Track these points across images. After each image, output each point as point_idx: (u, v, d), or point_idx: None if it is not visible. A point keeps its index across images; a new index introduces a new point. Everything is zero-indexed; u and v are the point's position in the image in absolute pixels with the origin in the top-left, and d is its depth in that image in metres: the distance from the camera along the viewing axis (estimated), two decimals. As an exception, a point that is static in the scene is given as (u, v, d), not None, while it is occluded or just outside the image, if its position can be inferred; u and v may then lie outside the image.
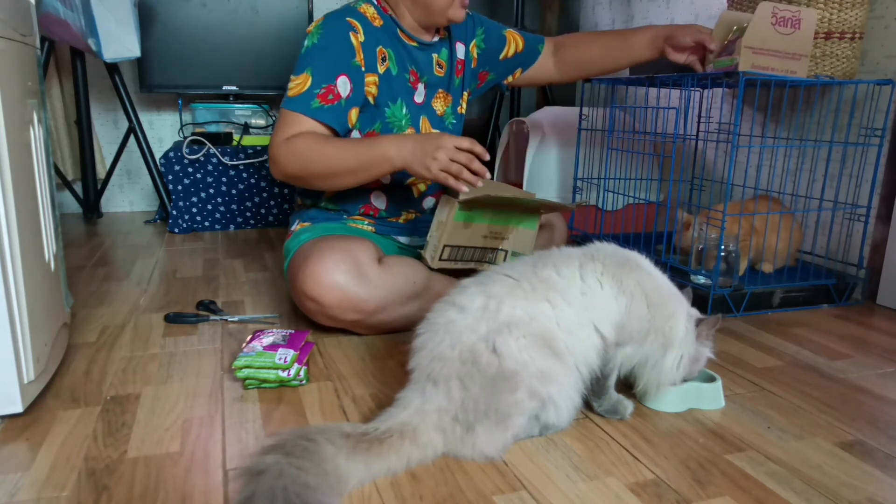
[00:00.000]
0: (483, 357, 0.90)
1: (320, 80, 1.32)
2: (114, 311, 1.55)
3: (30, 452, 0.93)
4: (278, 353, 1.12)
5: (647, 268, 1.04)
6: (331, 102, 1.32)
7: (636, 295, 0.99)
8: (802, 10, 1.54)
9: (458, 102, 1.58)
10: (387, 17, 1.42)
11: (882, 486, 0.89)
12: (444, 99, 1.53)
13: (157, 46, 2.55)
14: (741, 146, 1.90)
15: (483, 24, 1.60)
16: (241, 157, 2.48)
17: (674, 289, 1.05)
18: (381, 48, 1.40)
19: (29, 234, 1.03)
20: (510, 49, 1.62)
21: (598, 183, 2.18)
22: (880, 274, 1.73)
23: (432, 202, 1.56)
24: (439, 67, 1.51)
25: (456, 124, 1.58)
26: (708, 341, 1.05)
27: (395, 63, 1.42)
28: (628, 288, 0.99)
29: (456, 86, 1.56)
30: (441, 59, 1.51)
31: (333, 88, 1.33)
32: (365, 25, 1.38)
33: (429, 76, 1.49)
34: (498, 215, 1.38)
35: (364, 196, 1.49)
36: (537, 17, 3.31)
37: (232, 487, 0.85)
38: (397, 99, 1.43)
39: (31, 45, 1.16)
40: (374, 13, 1.41)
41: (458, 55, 1.55)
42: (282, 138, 1.31)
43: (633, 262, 1.03)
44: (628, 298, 0.99)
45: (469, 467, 0.90)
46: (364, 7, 1.40)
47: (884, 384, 1.22)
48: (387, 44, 1.41)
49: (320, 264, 1.27)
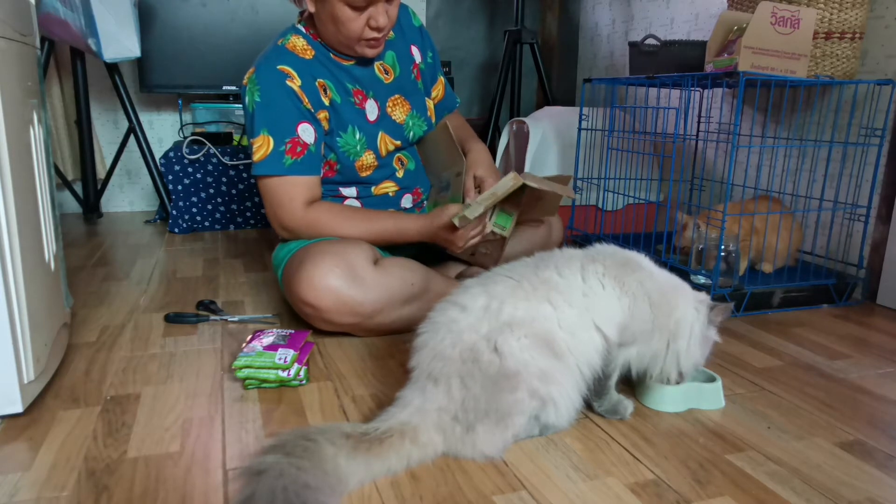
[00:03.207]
0: (484, 356, 0.90)
1: (282, 136, 1.32)
2: (114, 311, 1.55)
3: (30, 452, 0.93)
4: (278, 353, 1.12)
5: (648, 267, 1.04)
6: (300, 155, 1.33)
7: (638, 295, 0.99)
8: (802, 9, 1.54)
9: (424, 107, 1.53)
10: (317, 45, 1.39)
11: (882, 486, 0.89)
12: (401, 105, 1.48)
13: (157, 46, 2.55)
14: (741, 146, 1.90)
15: (433, 51, 1.57)
16: (241, 157, 2.48)
17: (676, 281, 1.06)
18: (320, 80, 1.37)
19: (29, 234, 1.03)
20: (435, 91, 1.60)
21: (598, 183, 2.18)
22: (880, 274, 1.73)
23: (410, 200, 1.53)
24: (385, 73, 1.46)
25: (426, 132, 1.53)
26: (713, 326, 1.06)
27: (336, 92, 1.38)
28: (630, 288, 0.99)
29: (420, 89, 1.52)
30: (386, 65, 1.46)
31: (297, 140, 1.32)
32: (296, 65, 1.34)
33: (374, 89, 1.44)
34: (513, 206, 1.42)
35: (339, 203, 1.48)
36: (537, 17, 3.32)
37: (232, 487, 0.85)
38: (347, 127, 1.39)
39: (31, 45, 1.16)
40: (303, 45, 1.37)
41: (414, 58, 1.51)
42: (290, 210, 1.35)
43: (634, 263, 1.03)
44: (630, 299, 0.99)
45: (469, 467, 0.90)
46: (293, 41, 1.37)
47: (884, 384, 1.22)
48: (322, 74, 1.38)
49: (315, 269, 1.26)
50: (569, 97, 3.27)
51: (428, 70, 1.56)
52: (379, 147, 1.43)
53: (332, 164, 1.42)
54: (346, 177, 1.43)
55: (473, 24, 3.27)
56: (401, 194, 1.51)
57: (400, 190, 1.50)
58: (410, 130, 1.49)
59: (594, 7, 3.03)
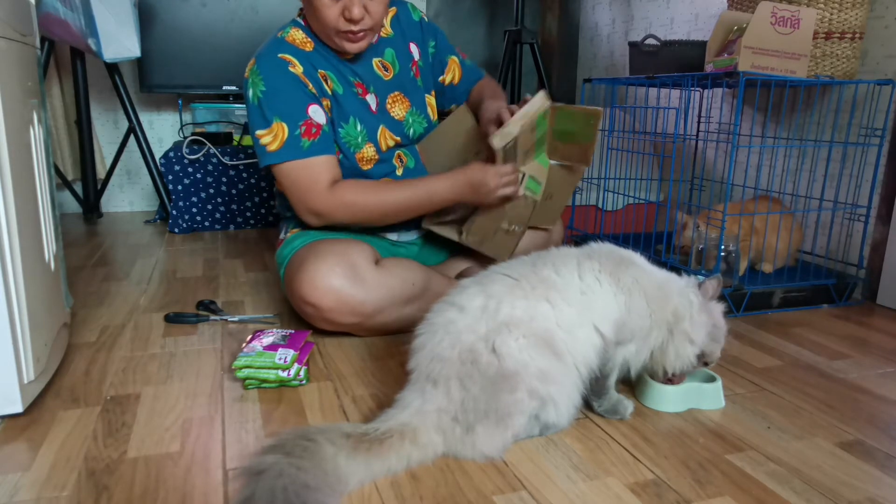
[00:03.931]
0: (483, 357, 0.90)
1: (295, 121, 1.29)
2: (114, 311, 1.55)
3: (30, 452, 0.93)
4: (278, 353, 1.12)
5: (641, 264, 1.05)
6: (316, 136, 1.31)
7: (634, 291, 1.00)
8: (802, 9, 1.54)
9: (424, 104, 1.52)
10: (315, 38, 1.38)
11: (882, 486, 0.89)
12: (401, 102, 1.47)
13: (157, 46, 2.55)
14: (741, 146, 1.90)
15: (436, 40, 1.55)
16: (241, 157, 2.48)
17: (666, 274, 1.07)
18: (321, 71, 1.36)
19: (29, 234, 1.03)
20: (447, 77, 1.58)
21: (598, 183, 2.18)
22: (880, 274, 1.73)
23: None
24: (384, 70, 1.45)
25: (426, 129, 1.52)
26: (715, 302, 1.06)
27: (337, 82, 1.38)
28: (626, 285, 1.00)
29: (419, 86, 1.51)
30: (385, 61, 1.46)
31: (311, 122, 1.31)
32: (297, 55, 1.33)
33: (374, 83, 1.43)
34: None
35: None
36: (537, 17, 3.32)
37: (232, 487, 0.85)
38: (349, 118, 1.38)
39: (31, 45, 1.16)
40: (303, 37, 1.36)
41: (413, 56, 1.50)
42: (317, 192, 1.30)
43: (629, 260, 1.04)
44: (627, 295, 0.99)
45: (469, 467, 0.90)
46: (292, 34, 1.36)
47: (884, 384, 1.22)
48: (323, 65, 1.37)
49: (316, 269, 1.27)
50: (569, 97, 3.27)
51: (428, 66, 1.55)
52: (379, 141, 1.43)
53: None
54: (347, 170, 1.43)
55: (473, 24, 3.27)
56: None
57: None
58: (410, 127, 1.49)
59: (594, 7, 3.03)
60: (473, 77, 1.62)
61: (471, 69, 1.62)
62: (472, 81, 1.61)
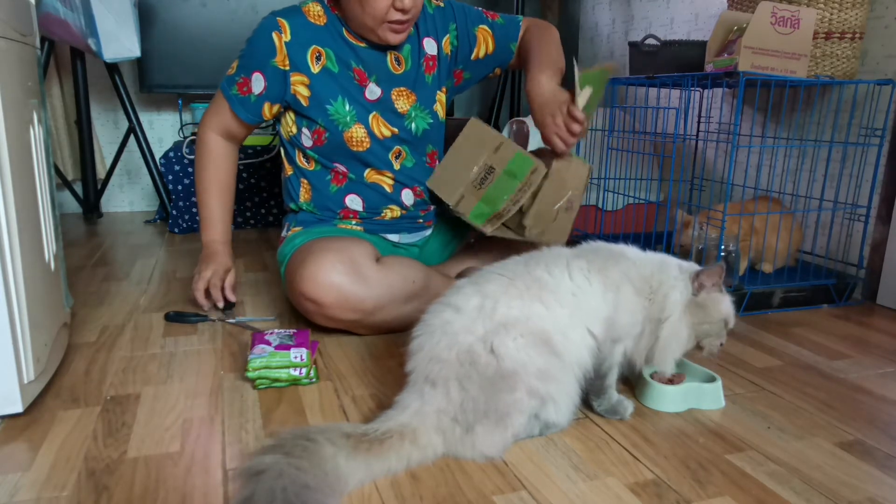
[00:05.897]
0: (481, 358, 0.90)
1: (241, 71, 1.42)
2: (114, 311, 1.55)
3: (30, 452, 0.93)
4: (292, 352, 1.13)
5: (632, 257, 1.05)
6: (244, 94, 1.43)
7: (622, 286, 1.00)
8: (802, 9, 1.54)
9: (432, 101, 1.52)
10: (332, 17, 1.41)
11: (882, 486, 0.89)
12: (406, 96, 1.48)
13: (157, 46, 2.55)
14: (741, 146, 1.90)
15: (456, 20, 1.53)
16: (241, 157, 2.48)
17: (660, 262, 1.06)
18: (316, 47, 1.39)
19: (29, 234, 1.03)
20: (480, 50, 1.56)
21: (597, 183, 2.18)
22: (880, 274, 1.73)
23: (411, 196, 1.52)
24: (397, 64, 1.46)
25: (432, 125, 1.52)
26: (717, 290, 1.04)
27: (334, 62, 1.41)
28: (614, 280, 1.00)
29: (428, 83, 1.51)
30: (401, 56, 1.47)
31: (248, 82, 1.42)
32: (297, 25, 1.38)
33: (379, 74, 1.45)
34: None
35: (339, 200, 1.48)
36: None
37: (232, 487, 0.85)
38: (338, 96, 1.41)
39: (31, 45, 1.16)
40: (319, 11, 1.41)
41: (427, 51, 1.50)
42: (209, 117, 1.50)
43: (619, 254, 1.04)
44: (614, 293, 0.99)
45: (469, 467, 0.90)
46: (310, 6, 1.41)
47: (884, 384, 1.22)
48: (326, 43, 1.40)
49: (317, 265, 1.27)
50: (569, 97, 3.27)
51: (452, 53, 1.54)
52: (371, 125, 1.43)
53: (321, 131, 1.42)
54: (336, 148, 1.43)
55: (473, 24, 3.26)
56: (399, 188, 1.50)
57: (397, 184, 1.50)
58: (412, 122, 1.49)
59: (594, 7, 3.03)
60: (511, 35, 1.58)
61: (503, 28, 1.58)
62: (509, 40, 1.58)
